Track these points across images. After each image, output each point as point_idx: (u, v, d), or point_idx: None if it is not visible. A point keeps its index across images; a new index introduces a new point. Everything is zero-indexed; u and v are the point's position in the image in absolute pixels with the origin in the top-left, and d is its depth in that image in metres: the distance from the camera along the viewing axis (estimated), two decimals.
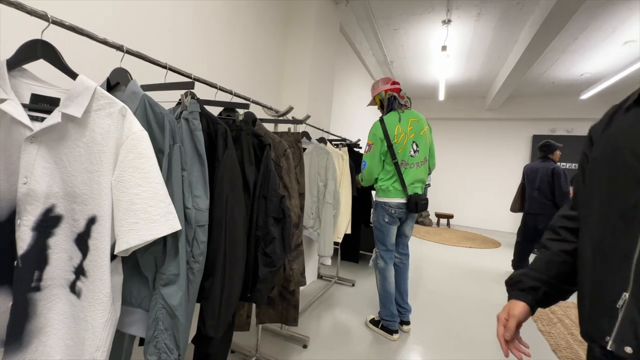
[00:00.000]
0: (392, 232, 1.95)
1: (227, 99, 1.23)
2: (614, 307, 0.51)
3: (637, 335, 0.48)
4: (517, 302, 0.67)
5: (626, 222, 0.52)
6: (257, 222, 1.09)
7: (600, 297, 0.54)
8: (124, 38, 1.20)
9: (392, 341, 1.95)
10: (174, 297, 0.73)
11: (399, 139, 1.85)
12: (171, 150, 0.77)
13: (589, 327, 0.56)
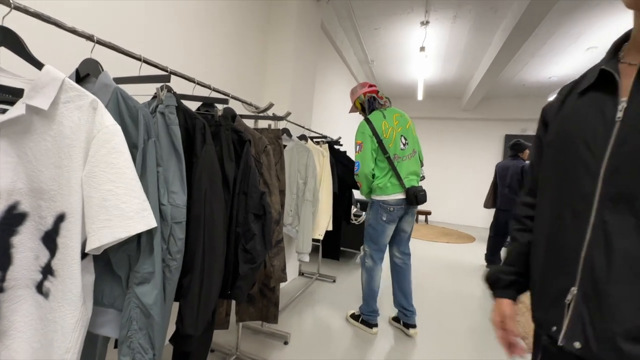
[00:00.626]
0: (389, 231, 1.92)
1: (205, 94, 1.21)
2: (562, 302, 0.52)
3: (585, 331, 0.48)
4: (503, 301, 0.67)
5: (575, 216, 0.51)
6: (237, 219, 1.08)
7: (549, 289, 0.55)
8: (94, 28, 1.15)
9: (372, 334, 1.99)
10: (149, 295, 0.72)
11: (387, 134, 1.86)
12: (145, 145, 0.75)
13: (538, 314, 0.58)
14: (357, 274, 3.13)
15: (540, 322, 0.58)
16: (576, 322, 0.50)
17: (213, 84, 1.26)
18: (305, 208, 1.89)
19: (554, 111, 0.61)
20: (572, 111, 0.55)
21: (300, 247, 1.87)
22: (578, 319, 0.49)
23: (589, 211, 0.50)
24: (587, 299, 0.49)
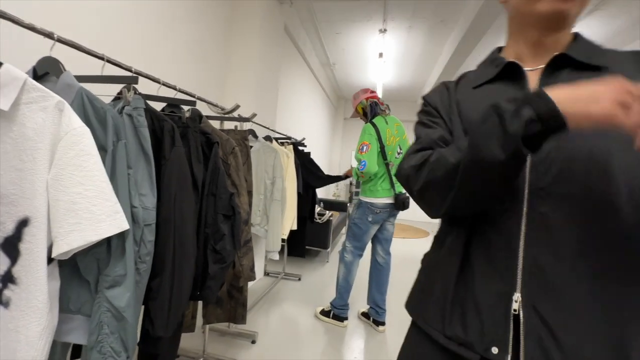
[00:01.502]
0: (372, 231, 2.03)
1: (170, 95, 1.20)
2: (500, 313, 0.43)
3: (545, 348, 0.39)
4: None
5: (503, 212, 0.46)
6: (207, 220, 1.09)
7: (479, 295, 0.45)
8: (54, 26, 1.08)
9: (342, 327, 2.09)
10: (121, 298, 0.71)
11: (389, 142, 1.97)
12: (115, 148, 0.74)
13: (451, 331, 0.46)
14: (322, 272, 3.22)
15: (462, 341, 0.44)
16: (531, 337, 0.40)
17: (178, 85, 1.25)
18: (274, 208, 1.92)
19: (444, 102, 0.56)
20: (476, 104, 0.50)
21: (270, 245, 1.90)
22: (533, 333, 0.40)
23: (520, 205, 0.44)
24: (537, 307, 0.40)
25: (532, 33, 0.49)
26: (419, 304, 0.54)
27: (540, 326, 0.39)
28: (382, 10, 3.46)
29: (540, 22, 0.47)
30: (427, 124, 0.55)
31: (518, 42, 0.52)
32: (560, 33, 0.48)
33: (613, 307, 0.39)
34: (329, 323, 2.13)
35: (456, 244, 0.48)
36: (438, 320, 0.48)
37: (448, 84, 0.60)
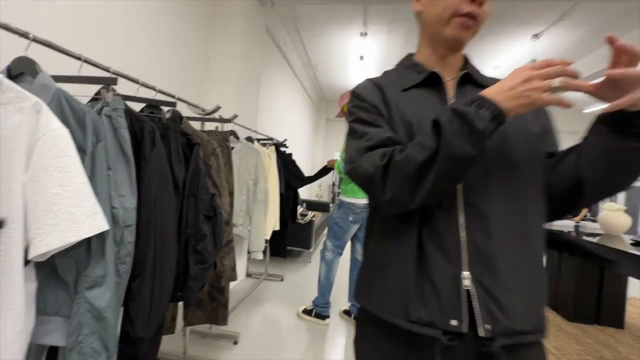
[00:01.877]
0: (352, 230, 2.11)
1: (150, 96, 1.19)
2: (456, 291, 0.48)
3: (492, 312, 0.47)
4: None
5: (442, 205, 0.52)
6: (188, 221, 1.10)
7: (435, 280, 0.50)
8: (30, 25, 1.05)
9: (324, 325, 2.12)
10: (101, 299, 0.72)
11: None
12: (94, 149, 0.74)
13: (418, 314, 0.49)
14: (304, 272, 3.24)
15: (425, 322, 0.49)
16: (481, 307, 0.47)
17: (158, 85, 1.24)
18: (257, 208, 1.93)
19: (378, 100, 0.59)
20: (412, 105, 0.56)
21: (253, 245, 1.91)
22: (482, 304, 0.48)
23: (458, 198, 0.51)
24: (481, 282, 0.48)
25: (441, 50, 0.60)
26: (376, 296, 0.56)
27: (485, 296, 0.48)
28: (363, 14, 3.53)
29: (445, 43, 0.59)
30: (371, 122, 0.57)
31: (429, 53, 0.62)
32: (459, 52, 0.62)
33: (531, 270, 0.51)
34: (311, 322, 2.16)
35: (410, 236, 0.52)
36: (400, 308, 0.51)
37: (377, 82, 0.63)
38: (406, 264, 0.52)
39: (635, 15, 3.18)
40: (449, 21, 0.55)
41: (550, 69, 0.43)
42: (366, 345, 0.59)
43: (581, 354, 1.96)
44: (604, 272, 2.37)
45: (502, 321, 0.47)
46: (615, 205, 2.31)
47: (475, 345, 0.48)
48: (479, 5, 0.53)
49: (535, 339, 0.50)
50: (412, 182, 0.48)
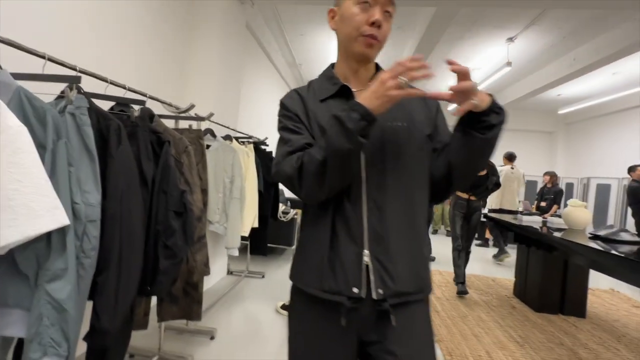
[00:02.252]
0: None
1: (120, 94, 1.21)
2: (358, 266, 0.60)
3: (384, 280, 0.60)
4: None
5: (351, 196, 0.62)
6: (157, 217, 1.12)
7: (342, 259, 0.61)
8: None
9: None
10: (62, 291, 0.74)
11: None
12: (55, 146, 0.76)
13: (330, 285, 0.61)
14: (286, 269, 3.28)
15: (334, 290, 0.61)
16: (375, 277, 0.60)
17: (129, 84, 1.26)
18: (234, 205, 1.96)
19: (300, 110, 0.68)
20: (326, 114, 0.63)
21: (229, 242, 1.94)
22: (376, 274, 0.60)
23: (359, 187, 0.62)
24: (377, 257, 0.61)
25: (353, 63, 0.69)
26: (300, 273, 0.68)
27: (379, 269, 0.61)
28: None
29: (355, 57, 0.67)
30: (293, 130, 0.67)
31: (344, 66, 0.71)
32: (370, 66, 0.71)
33: (414, 247, 0.64)
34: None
35: (325, 223, 0.64)
36: (315, 280, 0.64)
37: (300, 92, 0.72)
38: (321, 245, 0.64)
39: (601, 21, 3.35)
40: (357, 39, 0.64)
41: (398, 69, 0.53)
42: (295, 313, 0.71)
43: (543, 341, 2.07)
44: (567, 265, 2.51)
45: (390, 286, 0.60)
46: (578, 202, 2.45)
47: (373, 305, 0.61)
48: (378, 28, 0.62)
49: (419, 297, 0.65)
50: (316, 177, 0.58)
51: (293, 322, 0.71)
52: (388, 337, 0.62)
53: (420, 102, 0.70)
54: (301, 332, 0.69)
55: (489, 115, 0.57)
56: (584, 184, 6.10)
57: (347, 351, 0.64)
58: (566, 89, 5.54)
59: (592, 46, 3.82)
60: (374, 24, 0.62)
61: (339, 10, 0.67)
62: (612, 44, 3.54)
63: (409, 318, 0.63)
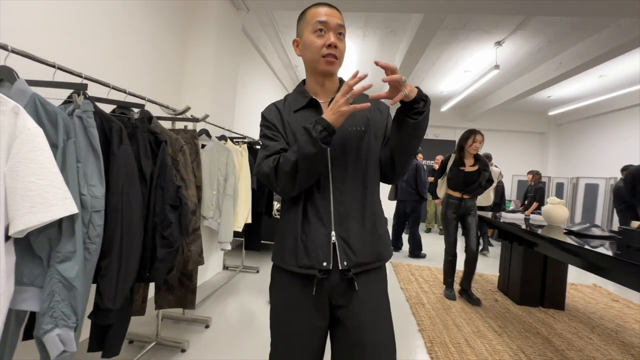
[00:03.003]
0: None
1: (121, 97, 1.32)
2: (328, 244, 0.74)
3: (347, 253, 0.74)
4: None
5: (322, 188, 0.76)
6: (155, 209, 1.23)
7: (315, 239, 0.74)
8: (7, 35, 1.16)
9: None
10: (71, 270, 0.85)
11: None
12: (65, 145, 0.88)
13: (304, 261, 0.74)
14: None
15: (308, 266, 0.74)
16: (341, 252, 0.74)
17: (129, 88, 1.37)
18: (227, 202, 2.07)
19: (277, 120, 0.82)
20: (298, 123, 0.78)
21: (222, 237, 2.05)
22: (341, 250, 0.74)
23: (327, 181, 0.77)
24: (342, 236, 0.74)
25: (319, 79, 0.82)
26: (280, 254, 0.81)
27: (344, 245, 0.75)
28: None
29: (320, 74, 0.81)
30: (271, 137, 0.81)
31: (312, 82, 0.84)
32: (334, 78, 0.84)
33: (370, 225, 0.78)
34: None
35: (298, 210, 0.78)
36: (292, 259, 0.77)
37: (278, 105, 0.85)
38: (296, 229, 0.77)
39: (583, 27, 3.49)
40: (319, 60, 0.77)
41: (343, 89, 0.68)
42: (275, 288, 0.84)
43: (521, 330, 2.19)
44: (547, 260, 2.63)
45: (352, 258, 0.75)
46: (557, 199, 2.57)
47: (339, 275, 0.75)
48: (335, 48, 0.76)
49: (376, 265, 0.79)
50: (290, 176, 0.72)
51: (275, 296, 0.83)
52: (352, 301, 0.76)
53: (375, 108, 0.85)
54: (282, 303, 0.81)
55: (418, 102, 0.71)
56: (574, 184, 6.24)
57: (320, 314, 0.77)
58: (555, 90, 5.68)
59: (577, 50, 3.95)
60: (330, 46, 0.76)
61: (301, 40, 0.81)
62: (595, 48, 3.67)
63: (369, 283, 0.78)
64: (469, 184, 2.62)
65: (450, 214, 2.69)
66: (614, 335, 2.24)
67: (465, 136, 2.64)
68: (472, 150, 2.60)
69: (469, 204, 2.66)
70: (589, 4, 2.53)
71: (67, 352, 0.86)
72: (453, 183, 2.68)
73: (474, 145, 2.59)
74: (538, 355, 1.88)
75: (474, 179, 2.61)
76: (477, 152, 2.67)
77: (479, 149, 2.62)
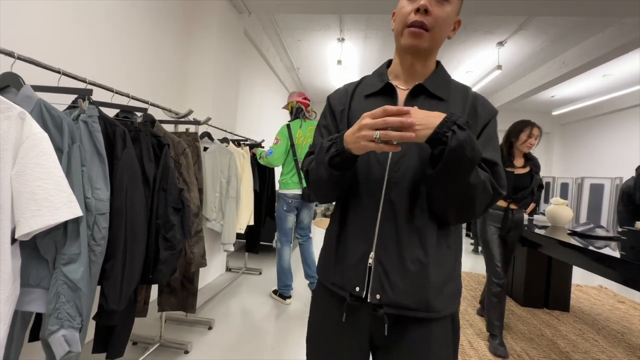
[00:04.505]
0: (290, 219, 2.38)
1: (124, 102, 1.34)
2: (363, 265, 0.61)
3: (383, 286, 0.59)
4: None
5: (369, 196, 0.62)
6: (158, 212, 1.25)
7: (351, 257, 0.63)
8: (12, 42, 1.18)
9: (286, 305, 2.41)
10: (76, 272, 0.87)
11: (299, 141, 2.32)
12: (70, 149, 0.89)
13: (336, 279, 0.64)
14: None
15: (340, 285, 0.64)
16: (374, 281, 0.60)
17: (132, 92, 1.39)
18: (230, 204, 2.09)
19: (341, 106, 0.69)
20: (357, 112, 0.64)
21: (225, 238, 2.07)
22: (376, 278, 0.60)
23: (379, 192, 0.61)
24: (381, 261, 0.60)
25: (408, 59, 0.65)
26: (320, 263, 0.73)
27: (381, 272, 0.60)
28: (338, 20, 3.72)
29: (406, 51, 0.64)
30: (322, 132, 0.71)
31: (397, 63, 0.68)
32: (427, 60, 0.65)
33: (419, 259, 0.59)
34: (277, 300, 2.49)
35: (342, 218, 0.67)
36: (327, 272, 0.68)
37: (348, 87, 0.72)
38: (335, 237, 0.67)
39: (585, 26, 3.47)
40: (402, 32, 0.62)
41: (376, 121, 0.51)
42: (313, 302, 0.76)
43: (525, 332, 2.18)
44: (551, 261, 2.61)
45: (389, 294, 0.59)
46: (560, 200, 2.56)
47: (371, 309, 0.61)
48: (424, 13, 0.58)
49: (421, 315, 0.59)
50: (315, 185, 0.66)
51: (311, 311, 0.75)
52: (396, 349, 0.61)
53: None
54: (316, 320, 0.72)
55: (434, 146, 0.53)
56: (578, 184, 6.19)
57: (357, 347, 0.64)
58: (559, 90, 5.65)
59: (580, 50, 3.93)
60: (418, 11, 0.58)
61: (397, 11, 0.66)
62: (597, 47, 3.65)
63: (419, 337, 0.60)
64: (519, 190, 1.96)
65: (493, 228, 1.99)
66: (620, 337, 2.22)
67: (518, 129, 1.97)
68: (525, 148, 1.96)
69: (517, 216, 1.99)
70: (592, 3, 2.52)
71: (73, 352, 0.87)
72: None
73: (528, 142, 1.94)
74: (543, 357, 1.87)
75: (526, 183, 1.96)
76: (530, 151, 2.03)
77: (535, 146, 1.98)
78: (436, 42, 0.62)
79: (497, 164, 0.60)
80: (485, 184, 0.56)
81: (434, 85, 0.65)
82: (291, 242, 2.45)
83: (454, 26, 0.65)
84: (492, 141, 0.63)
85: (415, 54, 0.63)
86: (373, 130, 0.51)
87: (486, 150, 0.60)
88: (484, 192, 0.56)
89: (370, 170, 0.63)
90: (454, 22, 0.64)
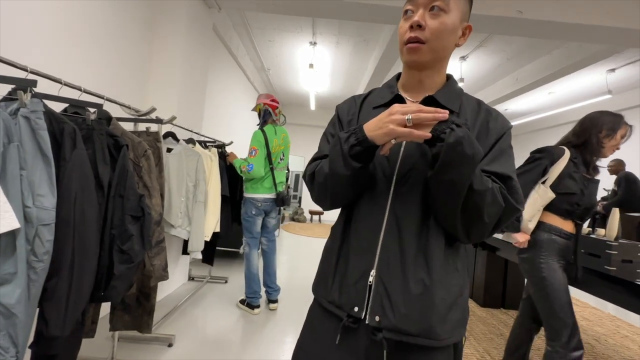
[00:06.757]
0: (258, 222, 2.32)
1: (75, 95, 1.18)
2: (363, 284, 0.57)
3: (383, 307, 0.55)
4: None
5: (373, 209, 0.60)
6: (113, 221, 1.11)
7: (352, 273, 0.59)
8: None
9: (254, 315, 2.30)
10: (10, 296, 0.73)
11: (275, 150, 2.29)
12: (5, 149, 0.76)
13: (334, 298, 0.61)
14: None
15: (337, 304, 0.60)
16: (374, 301, 0.56)
17: (85, 85, 1.24)
18: (198, 209, 1.96)
19: (349, 116, 0.69)
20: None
21: (193, 246, 1.93)
22: (376, 299, 0.56)
23: (384, 205, 0.59)
24: (383, 280, 0.56)
25: (412, 73, 0.65)
26: (316, 278, 0.69)
27: (383, 292, 0.56)
28: (311, 24, 3.70)
29: (409, 67, 0.64)
30: (328, 140, 0.70)
31: (404, 76, 0.67)
32: (435, 73, 0.63)
33: (424, 274, 0.56)
34: (244, 310, 2.37)
35: (343, 231, 0.64)
36: (324, 290, 0.64)
37: (357, 98, 0.72)
38: (335, 252, 0.64)
39: (535, 47, 3.80)
40: (402, 50, 0.62)
41: (411, 107, 0.51)
42: (307, 318, 0.70)
43: (485, 333, 2.29)
44: (507, 264, 2.79)
45: (389, 317, 0.55)
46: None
47: (369, 332, 0.57)
48: (418, 29, 0.58)
49: (423, 342, 0.54)
50: (322, 188, 0.63)
51: (303, 327, 0.70)
52: None
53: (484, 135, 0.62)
54: (304, 340, 0.67)
55: (433, 145, 0.52)
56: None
57: None
58: (511, 104, 6.14)
59: (531, 68, 4.30)
60: (412, 28, 0.59)
61: None
62: (546, 67, 4.02)
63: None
64: (589, 209, 1.41)
65: (556, 261, 1.37)
66: None
67: (611, 125, 1.39)
68: (611, 151, 1.43)
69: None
70: (541, 25, 2.76)
71: None
72: (569, 204, 1.39)
73: (618, 144, 1.42)
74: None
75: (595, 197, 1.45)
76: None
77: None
78: (438, 54, 0.61)
79: (510, 177, 0.58)
80: (494, 192, 0.53)
81: (445, 98, 0.63)
82: (259, 247, 2.37)
83: (462, 32, 0.63)
84: (505, 154, 0.61)
85: (420, 68, 0.63)
86: (404, 115, 0.51)
87: (498, 163, 0.59)
88: (493, 202, 0.53)
89: (376, 182, 0.62)
90: (459, 29, 0.62)
